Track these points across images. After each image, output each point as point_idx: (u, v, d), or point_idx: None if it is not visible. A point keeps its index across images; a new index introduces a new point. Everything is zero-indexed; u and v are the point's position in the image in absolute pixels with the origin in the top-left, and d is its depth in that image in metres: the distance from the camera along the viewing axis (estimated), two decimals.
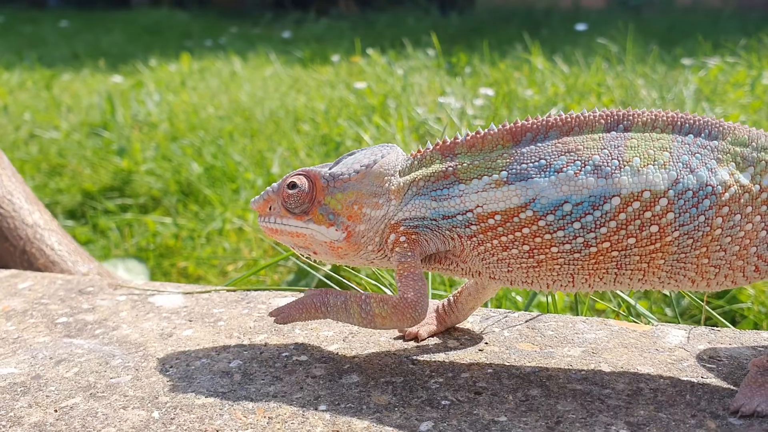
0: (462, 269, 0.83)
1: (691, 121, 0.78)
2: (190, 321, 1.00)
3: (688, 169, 0.76)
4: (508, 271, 0.80)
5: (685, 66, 4.38)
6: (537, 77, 4.34)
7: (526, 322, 0.97)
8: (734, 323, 1.65)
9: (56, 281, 1.16)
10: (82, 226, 2.78)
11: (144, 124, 4.10)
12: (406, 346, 0.91)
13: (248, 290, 1.11)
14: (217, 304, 1.06)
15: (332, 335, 0.94)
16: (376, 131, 3.27)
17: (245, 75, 5.60)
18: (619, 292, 1.10)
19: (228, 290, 1.11)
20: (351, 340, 0.92)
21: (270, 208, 0.86)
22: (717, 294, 1.68)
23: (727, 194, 0.75)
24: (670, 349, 0.88)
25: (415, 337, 0.92)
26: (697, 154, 0.76)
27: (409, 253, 0.81)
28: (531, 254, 0.78)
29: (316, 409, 0.76)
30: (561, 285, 0.80)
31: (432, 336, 0.93)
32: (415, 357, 0.88)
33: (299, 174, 0.84)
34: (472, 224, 0.80)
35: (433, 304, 0.96)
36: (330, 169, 0.84)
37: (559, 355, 0.87)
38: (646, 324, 0.98)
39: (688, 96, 3.59)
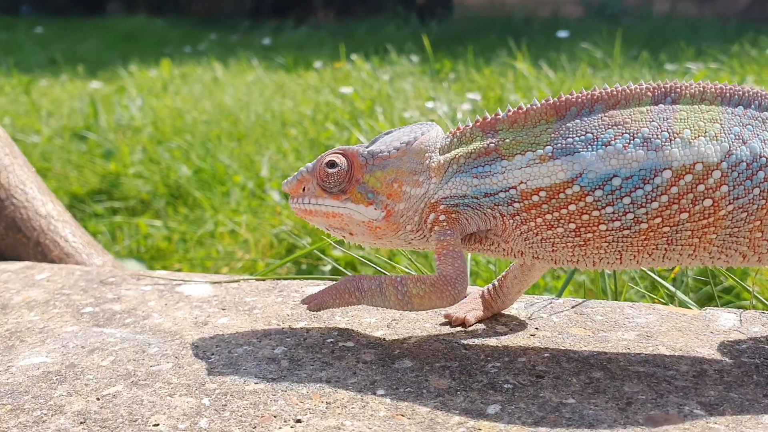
0: (504, 249, 0.81)
1: (740, 93, 0.76)
2: (224, 309, 0.96)
3: (741, 141, 0.73)
4: (553, 250, 0.78)
5: (668, 71, 4.42)
6: (522, 83, 4.35)
7: (573, 308, 0.94)
8: None
9: (74, 272, 1.11)
10: None
11: (128, 128, 4.04)
12: (453, 332, 0.88)
13: (278, 279, 1.07)
14: (248, 293, 1.02)
15: (375, 322, 0.91)
16: (366, 135, 3.24)
17: (227, 80, 5.55)
18: (659, 279, 1.08)
19: (257, 279, 1.07)
20: (395, 327, 0.89)
21: (303, 189, 0.83)
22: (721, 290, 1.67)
23: None
24: (725, 332, 0.86)
25: (463, 323, 0.89)
26: (748, 126, 0.74)
27: (449, 231, 0.78)
28: (578, 233, 0.76)
29: (374, 394, 0.73)
30: (608, 263, 0.78)
31: (479, 321, 0.90)
32: (465, 342, 0.85)
33: (336, 152, 0.81)
34: (515, 202, 0.77)
35: (478, 290, 0.94)
36: (367, 147, 0.82)
37: (614, 339, 0.85)
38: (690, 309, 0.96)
39: None
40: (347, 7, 9.94)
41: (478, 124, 0.81)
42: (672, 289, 1.05)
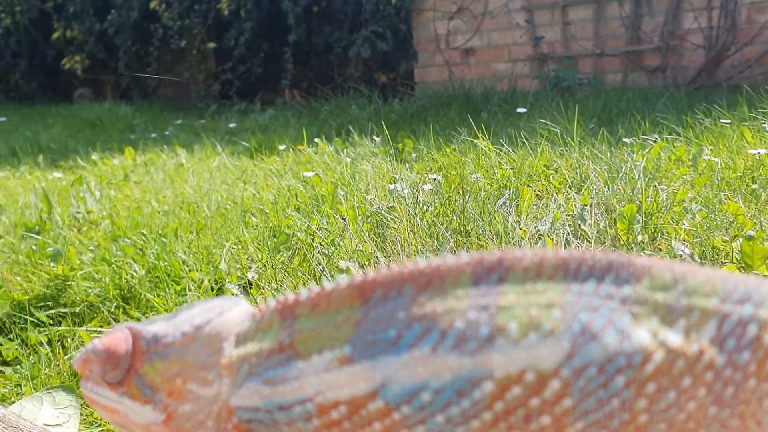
0: None
1: (590, 263, 0.57)
2: None
3: (589, 335, 0.54)
4: None
5: (626, 144, 4.47)
6: (483, 161, 4.36)
7: None
8: None
9: None
10: (10, 342, 2.58)
11: (83, 223, 3.95)
12: None
13: None
14: None
15: None
16: (326, 221, 3.18)
17: (191, 167, 5.51)
18: None
19: None
20: None
21: (90, 371, 0.67)
22: None
23: (650, 365, 0.54)
24: None
25: None
26: (601, 310, 0.55)
27: None
28: None
29: None
30: None
31: None
32: None
33: (123, 329, 0.66)
34: (313, 418, 0.60)
35: None
36: (156, 326, 0.67)
37: None
38: None
39: (637, 175, 3.63)
40: (313, 88, 10.07)
41: (279, 307, 0.64)
42: None
